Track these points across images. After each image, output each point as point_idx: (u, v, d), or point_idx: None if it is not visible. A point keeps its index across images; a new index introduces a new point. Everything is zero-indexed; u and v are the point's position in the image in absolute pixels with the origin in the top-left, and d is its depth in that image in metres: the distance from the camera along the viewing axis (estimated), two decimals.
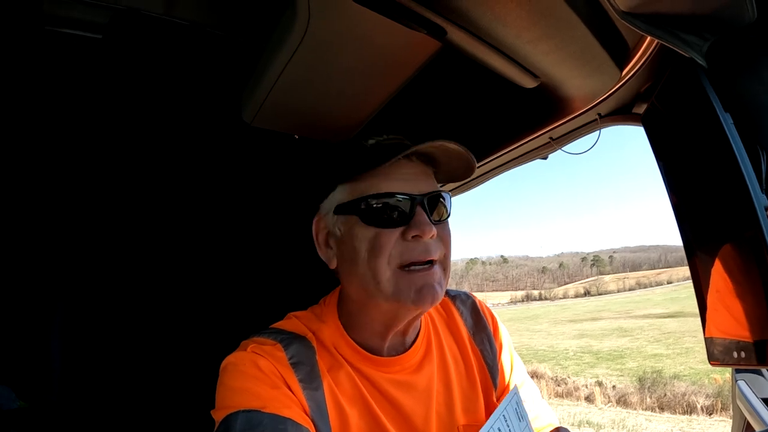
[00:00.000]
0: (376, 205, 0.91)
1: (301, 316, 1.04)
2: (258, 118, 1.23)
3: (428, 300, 0.90)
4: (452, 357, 1.07)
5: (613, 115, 1.18)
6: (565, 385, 27.65)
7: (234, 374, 0.89)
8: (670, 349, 38.27)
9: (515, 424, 0.76)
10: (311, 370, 0.92)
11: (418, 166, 0.97)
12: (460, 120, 1.50)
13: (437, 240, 0.93)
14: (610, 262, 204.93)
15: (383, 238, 0.90)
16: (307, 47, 0.94)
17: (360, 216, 0.92)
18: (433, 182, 0.99)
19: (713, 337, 0.89)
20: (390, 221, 0.91)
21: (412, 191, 0.92)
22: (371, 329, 0.98)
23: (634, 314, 65.90)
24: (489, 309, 1.20)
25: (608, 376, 30.39)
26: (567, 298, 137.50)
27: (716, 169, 0.82)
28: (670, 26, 0.76)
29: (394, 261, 0.90)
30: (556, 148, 1.35)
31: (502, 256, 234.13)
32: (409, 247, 0.90)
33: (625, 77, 1.02)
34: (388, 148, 0.95)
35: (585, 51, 0.91)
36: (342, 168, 0.98)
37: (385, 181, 0.92)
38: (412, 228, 0.90)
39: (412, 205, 0.92)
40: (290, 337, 0.96)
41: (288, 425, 0.81)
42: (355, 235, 0.93)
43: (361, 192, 0.93)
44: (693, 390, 22.84)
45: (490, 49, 0.90)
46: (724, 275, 0.85)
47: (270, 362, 0.89)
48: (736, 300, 0.82)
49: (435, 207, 0.95)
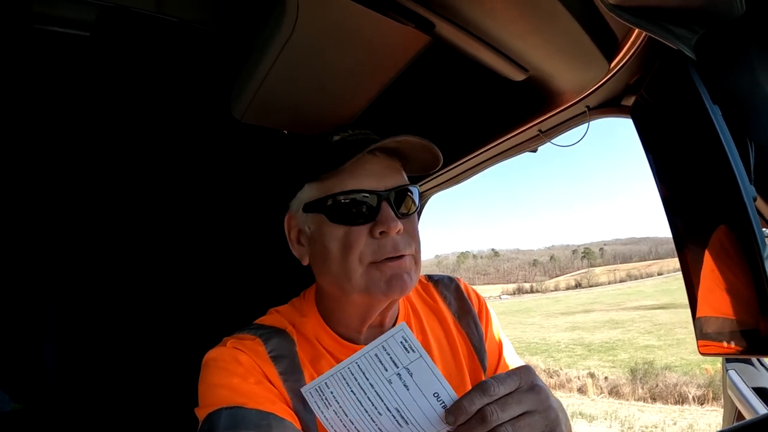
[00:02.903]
0: (342, 202, 0.91)
1: (282, 310, 1.06)
2: (248, 114, 1.22)
3: (397, 290, 0.90)
4: (436, 342, 1.08)
5: (601, 108, 1.17)
6: (558, 377, 27.87)
7: (215, 370, 0.89)
8: (662, 341, 38.66)
9: (400, 355, 0.74)
10: (292, 362, 0.93)
11: (384, 161, 0.96)
12: (450, 114, 1.50)
13: (405, 235, 0.93)
14: (600, 254, 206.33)
15: (352, 236, 0.90)
16: (297, 43, 0.94)
17: (327, 214, 0.93)
18: (401, 176, 0.99)
19: (703, 328, 0.89)
20: (357, 218, 0.91)
21: (377, 187, 0.92)
22: (347, 322, 0.99)
23: (626, 306, 66.52)
24: (474, 291, 1.20)
25: (600, 368, 30.66)
26: (558, 291, 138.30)
27: (705, 161, 0.82)
28: (659, 19, 0.76)
29: (366, 258, 0.90)
30: (545, 140, 1.35)
31: (494, 250, 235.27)
32: (379, 245, 0.90)
33: (613, 70, 1.02)
34: (353, 144, 0.95)
35: (574, 44, 0.91)
36: (307, 166, 0.98)
37: (350, 178, 0.92)
38: (378, 224, 0.90)
39: (378, 201, 0.91)
40: (270, 331, 0.97)
41: (271, 419, 0.82)
42: (325, 233, 0.93)
43: (327, 190, 0.93)
44: (684, 380, 23.09)
45: (478, 42, 0.90)
46: (713, 267, 0.86)
47: (250, 357, 0.90)
48: (725, 291, 0.83)
49: (402, 202, 0.95)
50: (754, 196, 0.75)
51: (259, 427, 0.80)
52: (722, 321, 0.85)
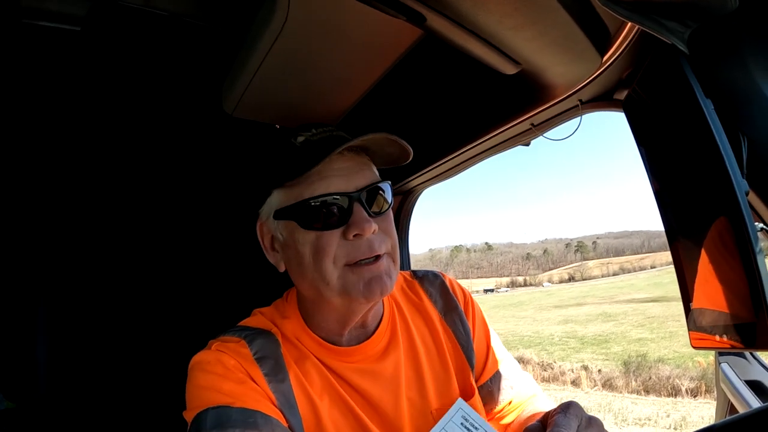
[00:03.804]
0: (312, 207, 0.90)
1: (265, 311, 1.05)
2: (239, 108, 1.22)
3: (377, 292, 0.89)
4: (422, 340, 1.07)
5: (594, 102, 1.17)
6: (552, 370, 28.08)
7: (200, 373, 0.89)
8: (654, 334, 39.01)
9: None
10: (276, 363, 0.92)
11: (352, 159, 0.94)
12: (442, 108, 1.50)
13: (381, 234, 0.92)
14: (593, 247, 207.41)
15: (324, 241, 0.89)
16: (287, 36, 0.93)
17: (298, 221, 0.91)
18: (371, 173, 0.97)
19: (696, 321, 0.89)
20: (328, 223, 0.89)
21: (348, 188, 0.91)
22: (328, 324, 0.98)
23: (618, 299, 66.94)
24: (460, 286, 1.19)
25: (594, 361, 30.92)
26: (552, 284, 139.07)
27: (697, 155, 0.82)
28: (652, 12, 0.76)
29: (340, 261, 0.89)
30: (537, 134, 1.34)
31: (487, 243, 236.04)
32: (353, 246, 0.89)
33: (606, 63, 1.01)
34: (317, 144, 0.93)
35: (566, 37, 0.91)
36: (272, 173, 0.96)
37: (318, 180, 0.90)
38: (351, 227, 0.88)
39: (349, 203, 0.90)
40: (254, 332, 0.96)
41: (257, 417, 0.82)
42: (297, 239, 0.91)
43: (296, 196, 0.91)
44: (677, 373, 23.33)
45: (470, 35, 0.89)
46: (705, 260, 0.86)
47: (235, 359, 0.90)
48: (717, 285, 0.83)
49: (374, 200, 0.93)
50: (746, 190, 0.76)
51: (246, 425, 0.80)
52: (715, 314, 0.85)
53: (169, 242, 2.03)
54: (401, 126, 1.61)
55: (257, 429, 0.80)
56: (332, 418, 0.92)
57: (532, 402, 1.13)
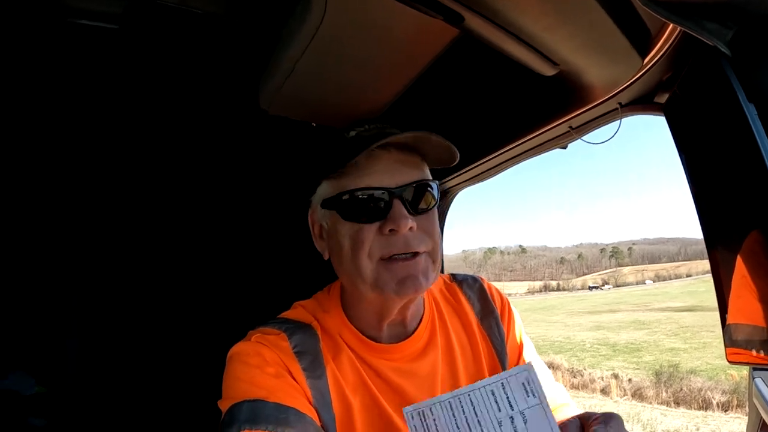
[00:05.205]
0: (353, 200, 0.90)
1: (306, 305, 1.05)
2: (275, 105, 1.23)
3: (410, 291, 0.88)
4: (459, 342, 1.07)
5: (634, 105, 1.14)
6: (581, 377, 27.64)
7: (238, 365, 0.90)
8: (687, 344, 38.11)
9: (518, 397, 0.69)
10: (315, 358, 0.92)
11: (398, 156, 0.93)
12: (479, 109, 1.48)
13: (420, 232, 0.91)
14: (629, 253, 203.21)
15: (362, 234, 0.89)
16: (324, 34, 0.94)
17: (339, 212, 0.92)
18: (417, 171, 0.96)
19: (733, 335, 0.87)
20: (368, 216, 0.90)
21: (389, 184, 0.90)
22: (366, 318, 0.98)
23: (652, 307, 65.52)
24: (498, 292, 1.19)
25: (624, 369, 30.33)
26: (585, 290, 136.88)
27: (739, 161, 0.80)
28: (694, 14, 0.74)
29: (375, 255, 0.89)
30: (575, 137, 1.32)
31: (521, 246, 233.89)
32: (389, 242, 0.89)
33: (647, 65, 0.99)
34: (367, 139, 0.92)
35: (605, 38, 0.89)
36: (321, 164, 0.97)
37: (363, 175, 0.90)
38: (389, 222, 0.88)
39: (390, 198, 0.90)
40: (294, 326, 0.96)
41: (290, 414, 0.82)
42: (338, 230, 0.92)
43: (341, 187, 0.92)
44: (709, 386, 22.69)
45: (508, 35, 0.88)
46: (744, 270, 0.83)
47: (274, 352, 0.90)
48: (756, 296, 0.81)
49: (417, 198, 0.93)
50: None
51: (278, 421, 0.80)
52: (753, 329, 0.83)
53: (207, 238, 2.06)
54: (438, 126, 1.60)
55: (289, 426, 0.80)
56: (363, 415, 0.92)
57: (563, 410, 1.11)
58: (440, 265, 0.97)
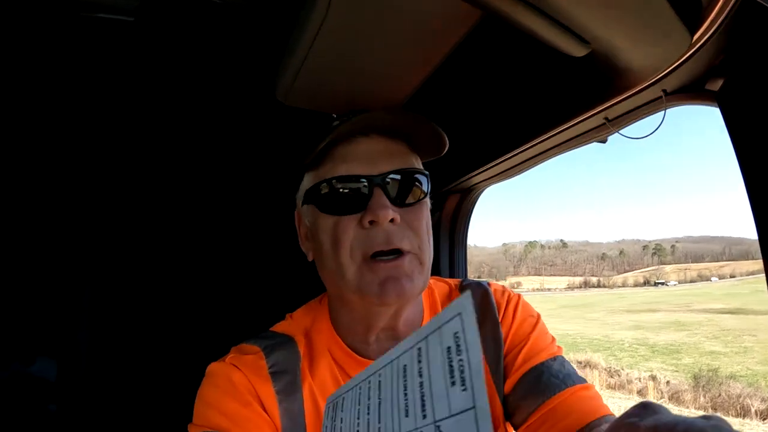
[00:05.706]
0: (331, 190, 0.85)
1: (296, 316, 1.01)
2: (291, 96, 1.17)
3: (392, 295, 0.80)
4: None
5: (681, 93, 1.00)
6: (618, 377, 27.44)
7: (209, 387, 0.87)
8: (728, 347, 37.54)
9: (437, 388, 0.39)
10: (292, 378, 0.88)
11: (380, 143, 0.88)
12: (504, 100, 1.39)
13: (404, 227, 0.84)
14: (672, 251, 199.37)
15: (340, 227, 0.83)
16: (339, 21, 0.86)
17: (317, 204, 0.87)
18: (404, 159, 0.89)
19: None
20: (347, 207, 0.84)
21: (370, 172, 0.84)
22: (353, 328, 0.92)
23: (693, 308, 64.55)
24: (506, 292, 1.05)
25: (663, 371, 30.00)
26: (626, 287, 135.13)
27: None
28: None
29: (357, 252, 0.82)
30: (612, 130, 1.19)
31: (562, 241, 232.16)
32: (369, 236, 0.82)
33: (696, 45, 0.84)
34: (348, 126, 0.87)
35: (644, 9, 0.75)
36: (301, 153, 0.93)
37: (342, 163, 0.85)
38: (368, 213, 0.81)
39: (370, 186, 0.83)
40: (276, 342, 0.92)
41: None
42: (318, 225, 0.87)
43: (319, 177, 0.87)
44: (748, 392, 22.32)
45: (531, 11, 0.77)
46: None
47: (245, 376, 0.86)
48: None
49: (403, 189, 0.86)
50: None
51: None
52: None
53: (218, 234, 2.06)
54: (461, 119, 1.52)
55: None
56: None
57: None
58: (430, 268, 0.88)
